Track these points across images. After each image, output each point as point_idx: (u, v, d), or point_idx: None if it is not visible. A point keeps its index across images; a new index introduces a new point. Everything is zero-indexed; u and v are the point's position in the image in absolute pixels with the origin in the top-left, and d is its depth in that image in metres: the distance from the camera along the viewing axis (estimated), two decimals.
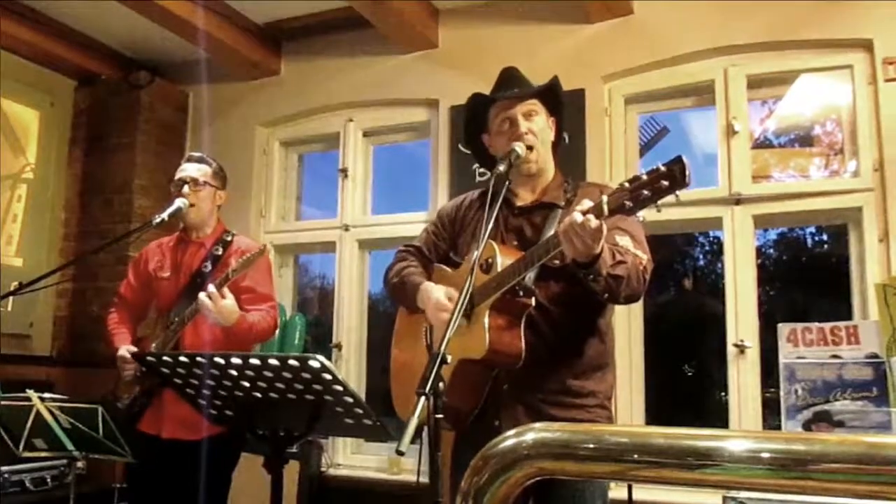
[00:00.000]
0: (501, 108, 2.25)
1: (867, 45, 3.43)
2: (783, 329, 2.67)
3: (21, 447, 2.92)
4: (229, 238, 3.08)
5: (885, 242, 3.29)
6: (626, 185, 1.71)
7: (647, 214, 1.79)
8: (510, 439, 0.89)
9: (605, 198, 1.75)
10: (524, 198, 2.27)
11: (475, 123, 2.34)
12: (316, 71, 4.67)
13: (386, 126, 4.58)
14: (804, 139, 3.97)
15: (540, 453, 0.87)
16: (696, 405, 5.81)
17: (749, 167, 3.65)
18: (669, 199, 1.66)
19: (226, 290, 2.72)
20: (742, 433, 0.81)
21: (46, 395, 2.87)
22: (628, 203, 1.70)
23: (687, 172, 1.62)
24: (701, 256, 6.76)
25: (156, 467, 2.86)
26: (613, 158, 3.88)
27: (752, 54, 3.67)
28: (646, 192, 1.66)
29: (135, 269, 3.19)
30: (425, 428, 1.60)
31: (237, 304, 2.80)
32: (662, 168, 1.65)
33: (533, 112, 2.22)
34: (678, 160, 1.63)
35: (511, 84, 2.27)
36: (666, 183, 1.64)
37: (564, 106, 2.33)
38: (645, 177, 1.67)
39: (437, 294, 2.16)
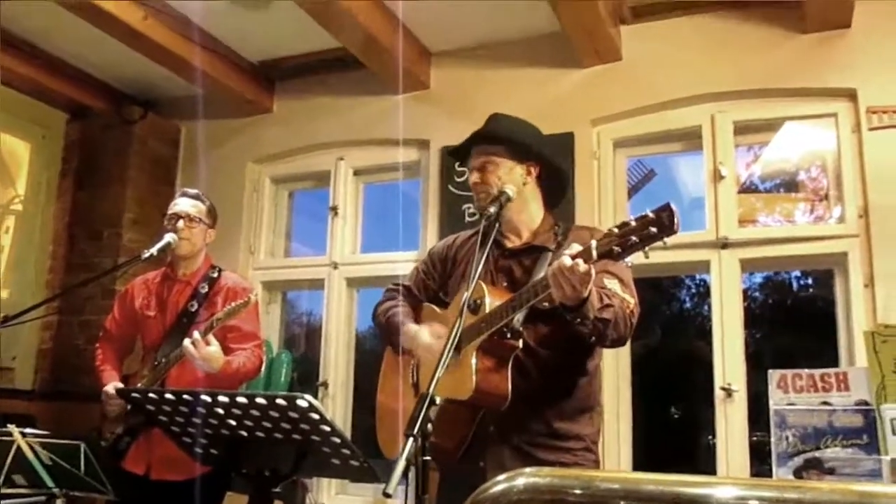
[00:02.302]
0: (471, 156, 2.29)
1: (851, 95, 3.49)
2: (773, 375, 2.67)
3: None
4: (215, 275, 3.06)
5: (871, 288, 3.32)
6: (616, 230, 1.73)
7: (634, 258, 1.82)
8: (501, 484, 0.88)
9: (594, 242, 1.76)
10: (514, 240, 2.28)
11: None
12: (308, 109, 4.71)
13: (376, 165, 4.60)
14: (789, 184, 4.02)
15: (531, 499, 0.86)
16: (684, 448, 5.78)
17: (735, 211, 3.69)
18: (657, 245, 1.68)
19: (210, 336, 2.69)
20: (732, 480, 0.82)
21: (28, 430, 2.83)
22: (617, 248, 1.72)
23: (675, 219, 1.63)
24: (687, 299, 6.80)
25: None
26: (602, 201, 3.92)
27: (738, 101, 3.73)
28: (634, 237, 1.68)
29: (120, 305, 3.17)
30: (412, 469, 1.59)
31: (223, 342, 2.78)
32: (651, 214, 1.67)
33: (488, 164, 2.22)
34: (667, 207, 1.65)
35: (478, 135, 2.29)
36: (654, 230, 1.65)
37: (535, 151, 2.25)
38: (634, 223, 1.69)
39: (422, 336, 2.19)
